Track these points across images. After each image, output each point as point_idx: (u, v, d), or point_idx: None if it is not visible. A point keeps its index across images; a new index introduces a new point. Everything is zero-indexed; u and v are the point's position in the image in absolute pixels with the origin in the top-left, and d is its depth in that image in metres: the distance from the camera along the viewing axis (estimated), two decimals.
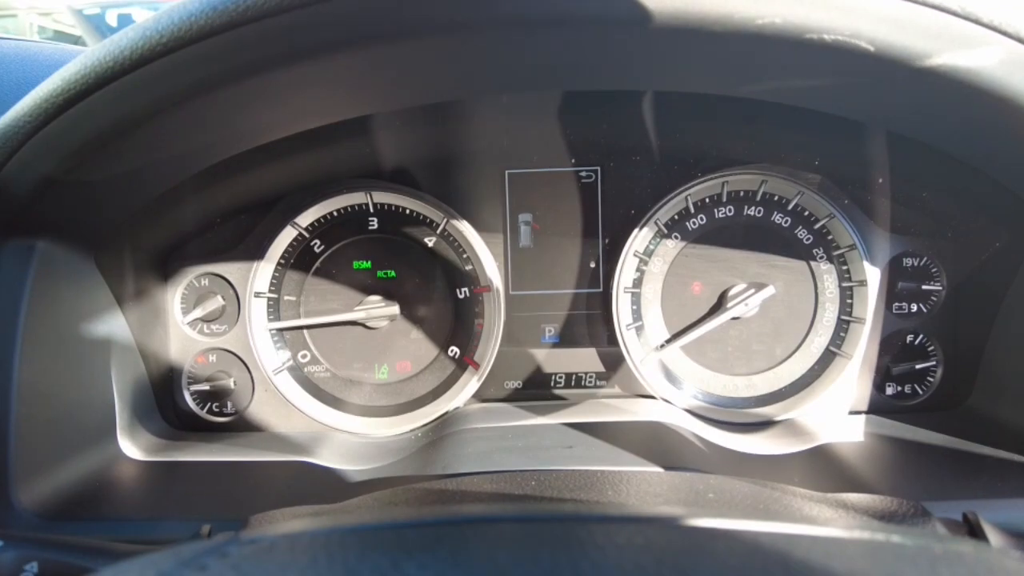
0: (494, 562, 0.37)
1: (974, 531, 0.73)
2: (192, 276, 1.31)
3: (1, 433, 0.92)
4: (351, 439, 1.27)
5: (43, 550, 0.72)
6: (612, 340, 1.33)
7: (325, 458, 1.15)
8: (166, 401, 1.29)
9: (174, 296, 1.30)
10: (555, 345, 1.36)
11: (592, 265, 1.34)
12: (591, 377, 1.36)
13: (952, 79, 0.76)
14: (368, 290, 1.32)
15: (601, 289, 1.34)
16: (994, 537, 0.72)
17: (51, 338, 1.01)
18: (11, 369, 0.93)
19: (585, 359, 1.36)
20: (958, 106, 0.84)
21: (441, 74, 0.92)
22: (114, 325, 1.15)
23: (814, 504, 0.72)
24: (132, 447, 1.14)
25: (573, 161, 1.33)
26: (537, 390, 1.35)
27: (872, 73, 0.78)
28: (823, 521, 0.50)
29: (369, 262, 1.32)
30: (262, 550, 0.41)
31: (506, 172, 1.33)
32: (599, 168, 1.33)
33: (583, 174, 1.33)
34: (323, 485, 1.08)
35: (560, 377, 1.36)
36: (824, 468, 1.09)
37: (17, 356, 0.93)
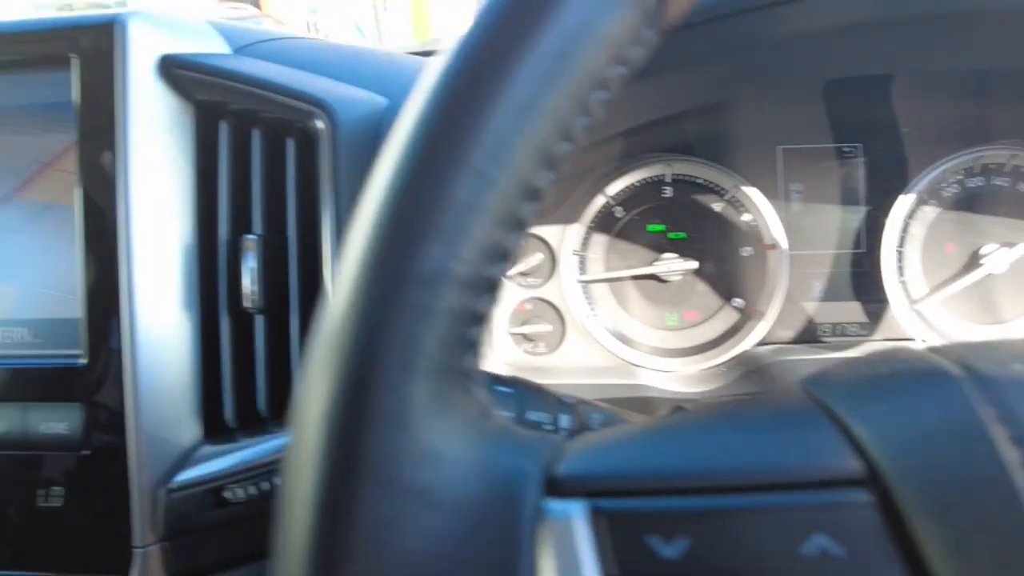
0: None
1: None
2: None
3: None
4: (660, 374, 1.49)
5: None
6: (876, 295, 1.52)
7: (647, 381, 1.36)
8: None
9: None
10: (823, 299, 1.54)
11: (856, 227, 1.53)
12: (855, 327, 1.54)
13: None
14: (660, 249, 1.54)
15: (865, 250, 1.53)
16: None
17: None
18: None
19: (851, 311, 1.54)
20: None
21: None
22: None
23: None
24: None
25: (838, 138, 1.53)
26: (808, 336, 1.54)
27: None
28: None
29: (663, 225, 1.54)
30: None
31: (777, 148, 1.54)
32: (861, 144, 1.53)
33: (846, 149, 1.53)
34: (653, 403, 1.30)
35: (827, 327, 1.55)
36: None
37: None
